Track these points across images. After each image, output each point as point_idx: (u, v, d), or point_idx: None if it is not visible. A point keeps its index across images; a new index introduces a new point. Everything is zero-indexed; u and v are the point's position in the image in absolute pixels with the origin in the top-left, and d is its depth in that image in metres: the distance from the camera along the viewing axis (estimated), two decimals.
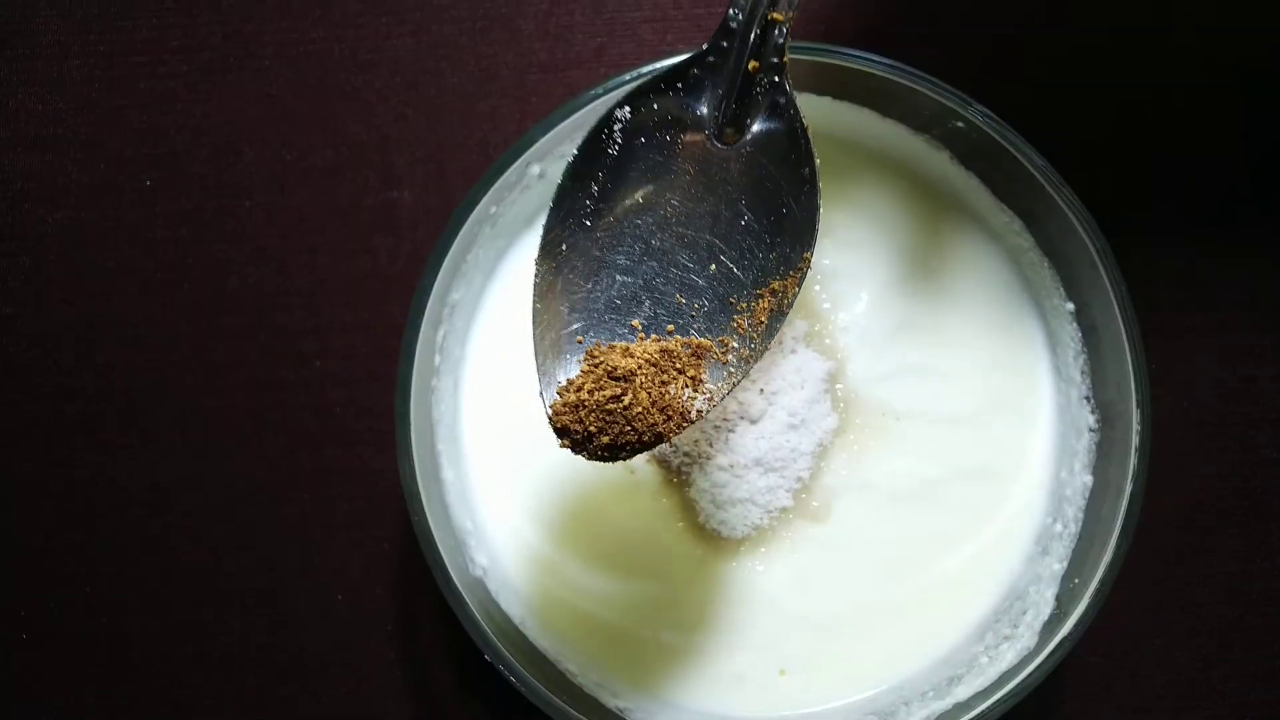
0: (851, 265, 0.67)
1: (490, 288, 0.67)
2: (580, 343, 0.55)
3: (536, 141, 0.59)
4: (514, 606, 0.63)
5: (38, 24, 0.76)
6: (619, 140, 0.56)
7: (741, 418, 0.64)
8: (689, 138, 0.57)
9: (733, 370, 0.55)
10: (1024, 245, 0.65)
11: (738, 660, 0.64)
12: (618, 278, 0.56)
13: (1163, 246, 0.74)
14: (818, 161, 0.55)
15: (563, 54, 0.76)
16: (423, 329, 0.58)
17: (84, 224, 0.76)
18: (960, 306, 0.66)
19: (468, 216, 0.59)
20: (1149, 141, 0.75)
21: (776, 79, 0.56)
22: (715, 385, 0.54)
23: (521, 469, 0.66)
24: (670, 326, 0.55)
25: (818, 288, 0.66)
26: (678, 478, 0.65)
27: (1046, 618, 0.60)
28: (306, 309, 0.75)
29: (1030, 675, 0.57)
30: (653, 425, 0.51)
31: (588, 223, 0.56)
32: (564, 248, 0.56)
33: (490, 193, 0.59)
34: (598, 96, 0.58)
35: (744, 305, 0.55)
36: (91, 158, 0.76)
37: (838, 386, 0.66)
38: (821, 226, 0.56)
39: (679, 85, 0.56)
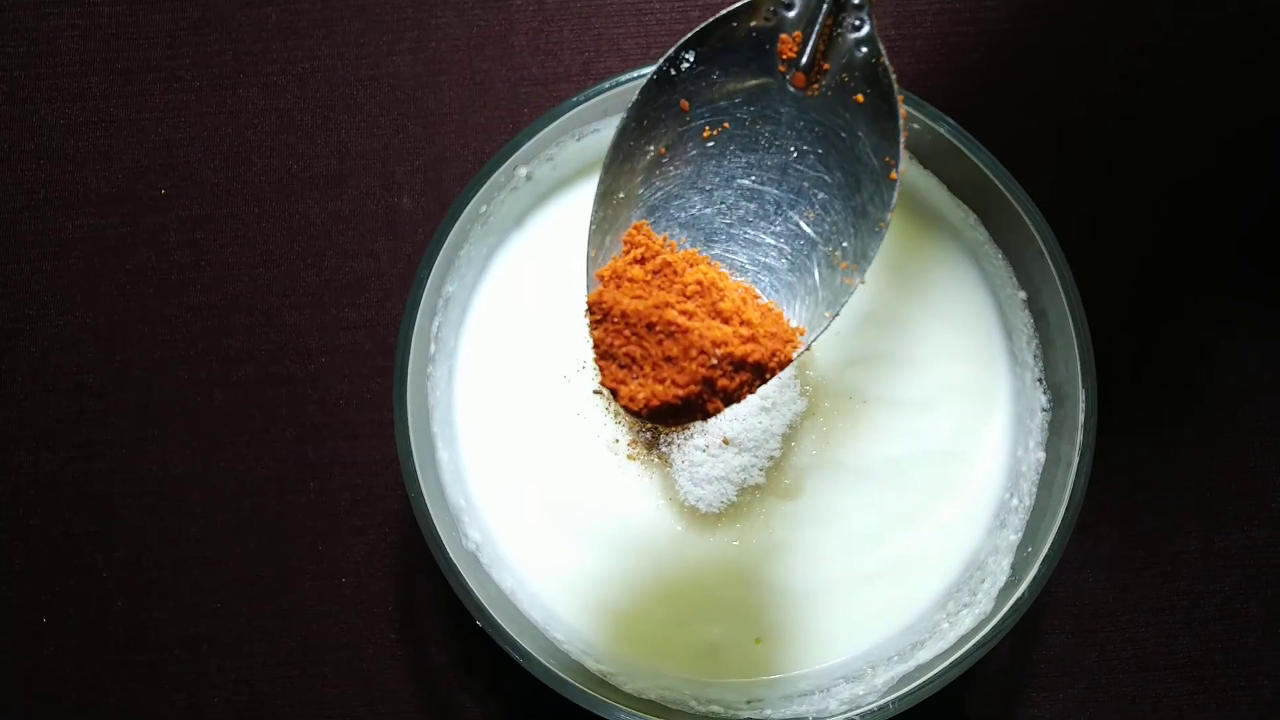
0: None
1: (482, 282, 0.71)
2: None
3: (523, 145, 0.64)
4: (505, 579, 0.67)
5: (60, 44, 0.81)
6: (683, 83, 0.52)
7: None
8: (759, 82, 0.52)
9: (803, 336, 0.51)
10: (979, 239, 0.69)
11: (715, 629, 0.68)
12: (677, 231, 0.53)
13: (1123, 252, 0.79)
14: (903, 110, 0.51)
15: (552, 68, 0.80)
16: (418, 319, 0.62)
17: (103, 230, 0.79)
18: (922, 298, 0.70)
19: (460, 214, 0.63)
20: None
21: (859, 18, 0.51)
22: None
23: (512, 451, 0.70)
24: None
25: None
26: (659, 457, 0.69)
27: (1002, 584, 0.64)
28: (313, 308, 0.78)
29: (986, 637, 0.60)
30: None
31: (648, 171, 0.52)
32: (621, 195, 0.52)
33: (481, 192, 0.64)
34: (579, 104, 0.63)
35: (815, 265, 0.52)
36: (110, 168, 0.80)
37: (807, 372, 0.69)
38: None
39: (752, 26, 0.52)
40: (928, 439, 0.69)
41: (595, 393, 0.69)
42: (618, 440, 0.69)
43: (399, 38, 0.81)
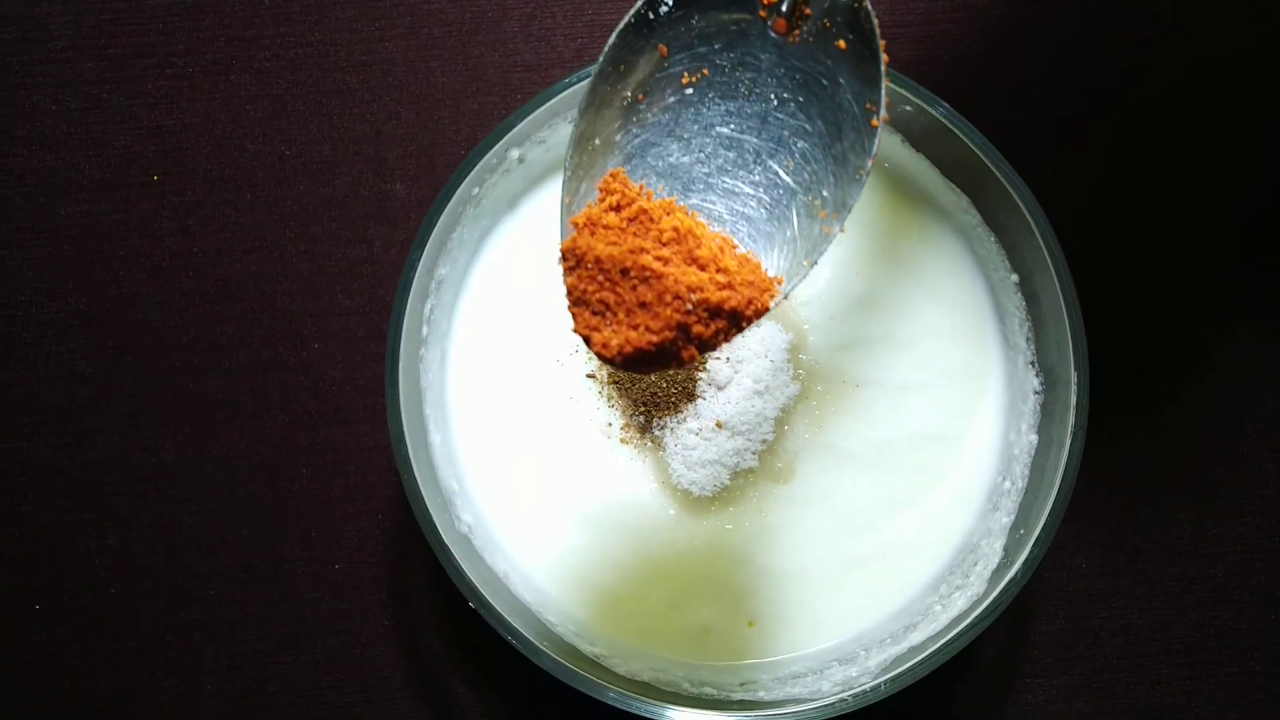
0: None
1: (475, 265, 0.71)
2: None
3: (515, 127, 0.63)
4: (498, 561, 0.67)
5: (52, 30, 0.81)
6: (661, 27, 0.51)
7: (710, 384, 0.68)
8: (739, 28, 0.51)
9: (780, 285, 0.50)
10: (971, 221, 0.69)
11: (708, 612, 0.68)
12: (654, 179, 0.52)
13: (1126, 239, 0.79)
14: (885, 58, 0.50)
15: (545, 54, 0.80)
16: (410, 302, 0.62)
17: (96, 216, 0.79)
18: (915, 281, 0.70)
19: (451, 197, 0.63)
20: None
21: None
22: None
23: (506, 434, 0.70)
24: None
25: None
26: (652, 441, 0.69)
27: (995, 566, 0.64)
28: (306, 294, 0.78)
29: (979, 618, 0.61)
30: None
31: (625, 117, 0.51)
32: (597, 142, 0.51)
33: (472, 174, 0.64)
34: (571, 85, 0.63)
35: (793, 214, 0.52)
36: (102, 154, 0.80)
37: (800, 356, 0.70)
38: None
39: None
40: (920, 422, 0.69)
41: (589, 376, 0.69)
42: (611, 424, 0.69)
43: (391, 23, 0.80)
